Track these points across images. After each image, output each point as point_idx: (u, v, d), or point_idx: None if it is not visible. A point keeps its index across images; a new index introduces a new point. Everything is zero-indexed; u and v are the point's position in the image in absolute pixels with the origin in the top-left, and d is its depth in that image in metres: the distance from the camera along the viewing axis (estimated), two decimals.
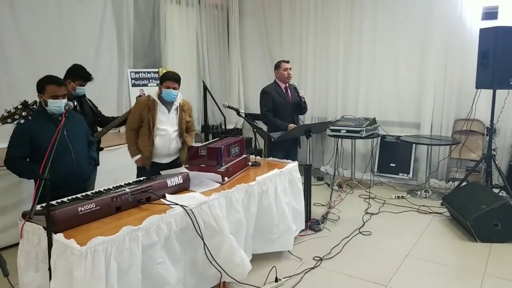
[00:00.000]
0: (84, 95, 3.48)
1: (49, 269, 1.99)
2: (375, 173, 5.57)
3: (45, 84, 2.68)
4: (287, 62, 4.37)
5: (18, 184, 3.59)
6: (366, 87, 5.66)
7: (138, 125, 3.29)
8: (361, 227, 3.98)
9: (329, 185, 5.39)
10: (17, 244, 2.28)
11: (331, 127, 5.24)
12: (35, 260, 2.14)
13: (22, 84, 4.01)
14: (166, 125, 3.31)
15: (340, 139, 5.54)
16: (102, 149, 3.70)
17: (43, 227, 2.06)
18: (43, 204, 2.18)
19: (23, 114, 2.14)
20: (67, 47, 4.57)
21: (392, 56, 5.44)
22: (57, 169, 2.64)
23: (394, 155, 5.46)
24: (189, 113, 3.50)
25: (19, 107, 2.17)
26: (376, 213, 4.38)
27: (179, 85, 3.30)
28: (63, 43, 4.57)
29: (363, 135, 5.10)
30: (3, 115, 2.13)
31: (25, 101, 2.19)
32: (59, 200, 2.39)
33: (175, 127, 3.36)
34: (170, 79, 3.25)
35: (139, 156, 3.31)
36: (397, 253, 3.46)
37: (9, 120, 2.14)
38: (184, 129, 3.44)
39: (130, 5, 5.31)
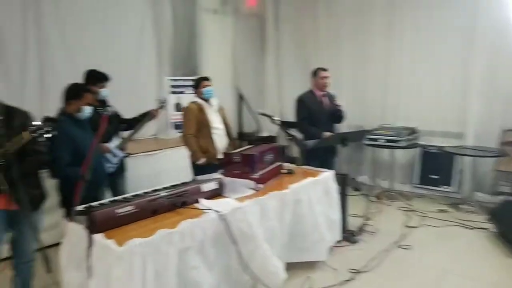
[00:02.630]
0: (105, 103, 3.57)
1: (89, 268, 2.05)
2: (416, 185, 5.37)
3: (84, 92, 2.89)
4: (325, 70, 4.31)
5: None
6: (406, 95, 5.48)
7: (197, 129, 3.67)
8: (400, 241, 3.84)
9: (366, 196, 5.25)
10: (61, 243, 2.38)
11: (369, 136, 5.12)
12: (76, 259, 2.22)
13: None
14: (217, 124, 3.77)
15: (378, 149, 5.40)
16: (128, 155, 3.77)
17: (84, 227, 2.13)
18: (85, 205, 2.27)
19: (48, 128, 2.20)
20: (108, 54, 4.76)
21: (434, 62, 5.23)
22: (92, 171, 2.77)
23: (436, 167, 5.24)
24: (225, 112, 3.96)
25: (44, 121, 2.21)
26: (417, 227, 4.21)
27: (211, 83, 3.82)
28: (105, 51, 4.77)
29: (403, 145, 4.94)
30: (31, 127, 2.19)
31: (48, 116, 2.24)
32: (101, 202, 2.49)
33: (223, 124, 3.82)
34: (203, 79, 3.80)
35: (204, 159, 3.64)
36: (437, 269, 3.30)
37: (36, 134, 2.20)
38: (227, 126, 3.88)
39: (169, 15, 5.48)
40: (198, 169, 3.64)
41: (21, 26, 4.17)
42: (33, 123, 2.19)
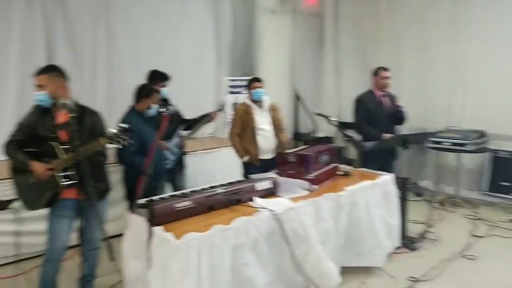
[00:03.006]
0: (168, 101, 3.70)
1: (148, 258, 2.15)
2: (484, 192, 4.99)
3: (153, 92, 3.20)
4: (387, 70, 4.15)
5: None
6: (474, 94, 5.10)
7: (241, 130, 3.73)
8: (464, 250, 3.60)
9: (429, 201, 4.99)
10: (124, 233, 2.52)
11: (433, 139, 4.85)
12: (137, 249, 2.34)
13: (131, 88, 4.45)
14: (264, 125, 3.74)
15: (442, 153, 5.09)
16: (185, 153, 3.87)
17: (145, 219, 2.24)
18: (147, 199, 2.38)
19: (124, 138, 2.34)
20: (171, 57, 4.97)
21: (505, 58, 4.81)
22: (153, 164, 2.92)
23: (507, 173, 4.83)
24: (278, 111, 3.93)
25: (121, 131, 2.35)
26: (484, 237, 3.92)
27: (263, 84, 3.80)
28: (168, 53, 4.99)
29: (470, 149, 4.62)
30: (108, 135, 2.34)
31: (123, 126, 2.38)
32: (161, 196, 2.60)
33: (271, 125, 3.77)
34: (255, 80, 3.81)
35: (247, 157, 3.71)
36: (506, 282, 3.06)
37: (112, 141, 2.34)
38: (277, 126, 3.82)
39: (229, 16, 5.60)
40: (245, 168, 3.77)
41: (92, 32, 4.51)
42: (111, 130, 2.34)
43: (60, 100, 2.40)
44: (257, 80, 3.81)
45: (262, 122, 3.75)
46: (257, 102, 3.76)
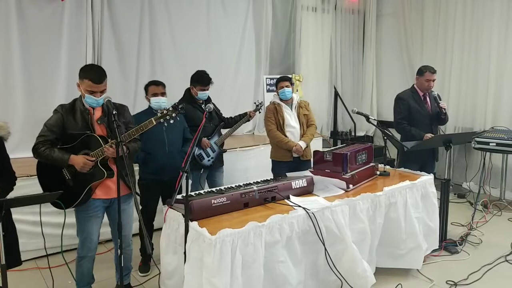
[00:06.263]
0: (210, 100, 3.73)
1: (185, 253, 2.23)
2: None
3: (148, 86, 3.20)
4: (434, 72, 3.96)
5: None
6: None
7: (276, 126, 3.73)
8: (508, 255, 3.45)
9: (471, 204, 4.80)
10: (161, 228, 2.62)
11: (478, 139, 4.64)
12: (174, 244, 2.42)
13: (174, 85, 4.57)
14: (292, 122, 3.76)
15: (488, 153, 4.87)
16: (225, 151, 3.90)
17: (182, 214, 2.32)
18: (183, 194, 2.46)
19: (173, 115, 2.47)
20: (212, 57, 5.11)
21: None
22: (154, 159, 3.06)
23: None
24: (306, 108, 3.90)
25: (170, 109, 2.50)
26: None
27: (290, 83, 3.78)
28: (210, 54, 5.12)
29: None
30: (157, 115, 2.47)
31: (175, 104, 2.52)
32: (197, 192, 2.68)
33: (299, 123, 3.77)
34: (282, 80, 3.78)
35: (296, 145, 3.65)
36: None
37: (161, 120, 2.48)
38: (304, 123, 3.80)
39: (269, 14, 5.64)
40: (276, 165, 3.78)
41: (137, 32, 4.68)
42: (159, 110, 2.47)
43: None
44: (284, 79, 3.79)
45: (290, 119, 3.76)
46: (285, 101, 3.77)
